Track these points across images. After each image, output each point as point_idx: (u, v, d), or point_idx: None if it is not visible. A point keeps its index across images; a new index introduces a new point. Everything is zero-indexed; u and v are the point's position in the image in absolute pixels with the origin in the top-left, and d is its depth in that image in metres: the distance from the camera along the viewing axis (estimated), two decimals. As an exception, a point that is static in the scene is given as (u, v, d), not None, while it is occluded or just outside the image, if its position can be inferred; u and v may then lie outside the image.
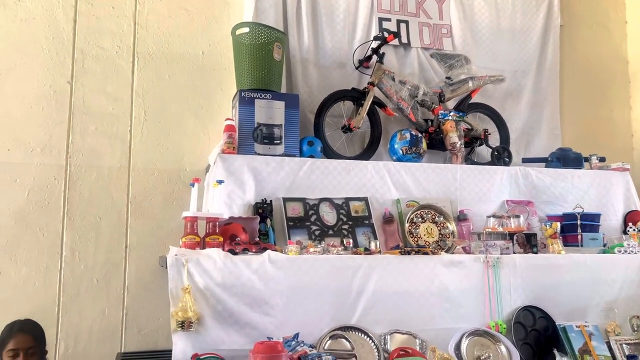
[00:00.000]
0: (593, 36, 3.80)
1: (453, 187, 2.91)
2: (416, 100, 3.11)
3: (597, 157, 3.23)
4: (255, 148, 2.66)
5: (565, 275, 2.51)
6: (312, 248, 2.25)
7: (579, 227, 2.72)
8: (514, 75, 3.52)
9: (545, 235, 2.62)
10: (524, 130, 3.50)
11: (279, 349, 1.75)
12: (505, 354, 2.25)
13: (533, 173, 3.05)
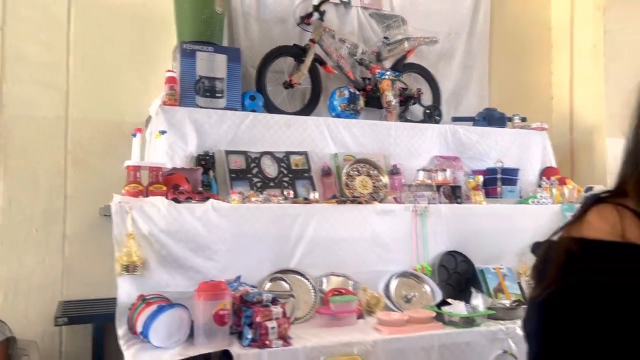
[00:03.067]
0: (520, 2, 4.02)
1: (387, 142, 3.08)
2: (355, 58, 3.22)
3: (519, 117, 3.49)
4: (197, 101, 2.70)
5: (484, 223, 2.77)
6: (254, 197, 2.36)
7: (499, 181, 2.97)
8: (447, 37, 3.69)
9: (469, 188, 2.85)
10: (455, 90, 3.71)
11: (222, 287, 1.87)
12: (430, 293, 2.48)
13: (461, 131, 3.26)
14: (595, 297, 0.64)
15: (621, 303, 0.63)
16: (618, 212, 0.69)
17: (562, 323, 0.66)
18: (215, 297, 1.82)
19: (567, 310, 0.66)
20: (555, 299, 0.67)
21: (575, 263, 0.67)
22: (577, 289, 0.66)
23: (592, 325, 0.64)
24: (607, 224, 0.68)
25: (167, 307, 1.84)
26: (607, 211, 0.70)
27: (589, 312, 0.64)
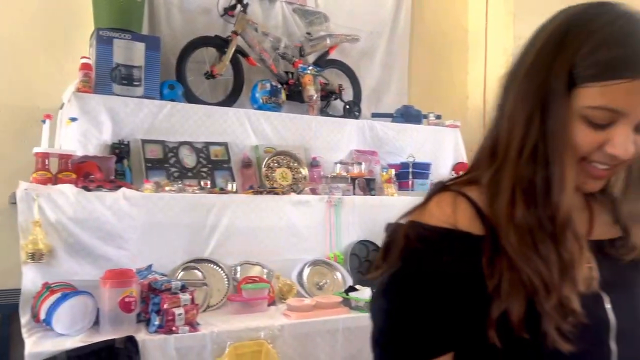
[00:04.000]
0: (439, 6, 4.22)
1: (308, 136, 3.16)
2: (278, 52, 3.28)
3: (434, 115, 3.68)
4: (113, 89, 2.66)
5: (396, 214, 2.90)
6: (168, 187, 2.37)
7: (410, 174, 3.13)
8: (370, 36, 3.82)
9: (382, 180, 2.99)
10: (376, 88, 3.85)
11: (129, 275, 1.89)
12: (341, 280, 2.59)
13: (378, 126, 3.40)
14: (426, 281, 0.71)
15: (444, 288, 0.70)
16: (455, 201, 0.76)
17: (399, 303, 0.72)
18: (121, 284, 1.83)
19: (403, 291, 0.72)
20: (394, 280, 0.73)
21: (410, 247, 0.73)
22: (412, 273, 0.72)
23: (423, 306, 0.70)
24: (442, 212, 0.74)
25: (72, 294, 1.83)
26: (446, 199, 0.77)
27: (421, 295, 0.71)
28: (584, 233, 0.76)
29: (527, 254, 0.68)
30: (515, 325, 0.67)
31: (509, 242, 0.69)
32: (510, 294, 0.67)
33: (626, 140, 0.68)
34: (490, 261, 0.69)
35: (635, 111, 0.67)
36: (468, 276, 0.69)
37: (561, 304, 0.66)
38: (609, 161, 0.71)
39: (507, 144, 0.74)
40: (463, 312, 0.69)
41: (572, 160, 0.70)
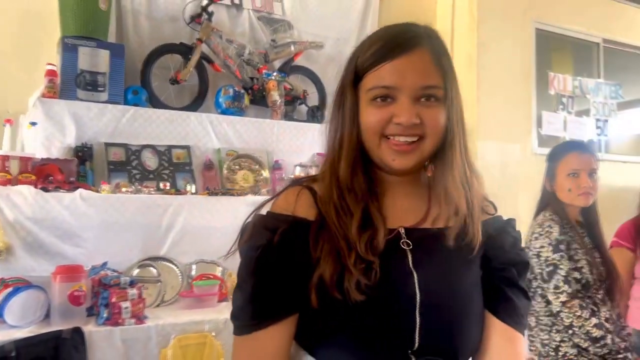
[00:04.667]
0: (407, 12, 4.33)
1: (271, 139, 3.28)
2: (242, 59, 3.40)
3: (397, 119, 3.80)
4: (77, 94, 2.78)
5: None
6: (125, 188, 2.49)
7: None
8: (337, 42, 3.94)
9: (340, 182, 3.11)
10: (343, 92, 3.97)
11: (78, 270, 2.00)
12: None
13: (341, 130, 3.52)
14: (262, 257, 0.86)
15: (276, 262, 0.86)
16: (299, 193, 0.91)
17: (243, 276, 0.88)
18: (70, 279, 1.95)
19: (245, 265, 0.88)
20: (241, 258, 0.90)
21: (253, 231, 0.89)
22: (250, 251, 0.87)
23: (260, 276, 0.86)
24: (286, 202, 0.91)
25: (24, 288, 1.94)
26: (292, 192, 0.93)
27: (258, 267, 0.86)
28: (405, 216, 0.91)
29: (339, 223, 0.85)
30: (328, 285, 0.81)
31: (329, 217, 0.86)
32: (326, 259, 0.83)
33: (405, 108, 0.86)
34: (316, 238, 0.85)
35: (403, 84, 0.86)
36: (297, 251, 0.85)
37: (359, 260, 0.82)
38: (402, 131, 0.86)
39: (328, 140, 0.93)
40: (294, 280, 0.84)
41: (373, 138, 0.87)
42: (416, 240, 0.88)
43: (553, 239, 1.86)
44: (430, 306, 0.84)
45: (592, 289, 1.87)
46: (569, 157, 1.95)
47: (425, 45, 0.88)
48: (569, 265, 1.83)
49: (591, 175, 1.94)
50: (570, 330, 1.80)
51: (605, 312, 1.85)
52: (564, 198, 1.95)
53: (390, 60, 0.86)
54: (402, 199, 0.94)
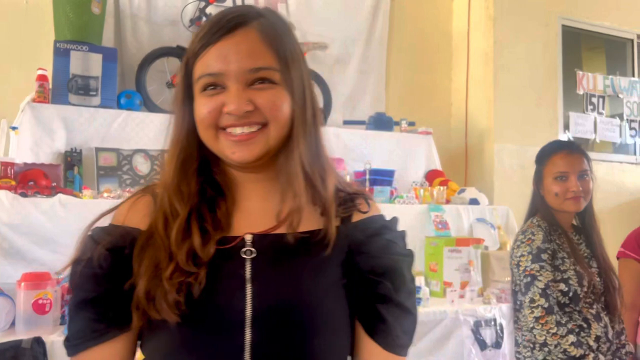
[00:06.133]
0: (421, 11, 4.17)
1: (269, 143, 3.18)
2: (242, 61, 3.32)
3: (406, 122, 3.64)
4: (69, 99, 2.76)
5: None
6: (107, 193, 2.44)
7: (367, 182, 3.10)
8: (344, 43, 3.82)
9: (338, 187, 2.97)
10: (351, 95, 3.84)
11: (44, 277, 1.94)
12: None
13: (344, 134, 3.39)
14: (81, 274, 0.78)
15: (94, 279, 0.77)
16: (136, 201, 0.84)
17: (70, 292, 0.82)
18: (35, 286, 1.89)
19: (70, 282, 0.80)
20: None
21: (81, 245, 0.81)
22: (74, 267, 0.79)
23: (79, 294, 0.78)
24: (120, 212, 0.84)
25: (-12, 296, 1.90)
26: (130, 200, 0.85)
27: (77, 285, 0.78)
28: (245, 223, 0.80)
29: (165, 232, 0.76)
30: (143, 303, 0.72)
31: (156, 225, 0.77)
32: (143, 274, 0.73)
33: (233, 95, 0.75)
34: (142, 250, 0.76)
35: (228, 69, 0.75)
36: (120, 266, 0.76)
37: (179, 272, 0.72)
38: (235, 121, 0.76)
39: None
40: (114, 298, 0.75)
41: (208, 131, 0.77)
42: (264, 248, 0.77)
43: (534, 247, 1.67)
44: (265, 321, 0.73)
45: (583, 303, 1.66)
46: (555, 159, 1.76)
47: (252, 24, 0.77)
48: (550, 277, 1.64)
49: (581, 177, 1.74)
50: (545, 348, 1.61)
51: (598, 329, 1.65)
52: (552, 203, 1.76)
53: (214, 44, 0.76)
54: (258, 201, 0.82)
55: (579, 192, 1.71)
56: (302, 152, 0.78)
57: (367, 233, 0.82)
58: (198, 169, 0.81)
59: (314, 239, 0.78)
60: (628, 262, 2.18)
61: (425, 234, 3.02)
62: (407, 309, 0.80)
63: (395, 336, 0.79)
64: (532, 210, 1.84)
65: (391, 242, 0.82)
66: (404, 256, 0.83)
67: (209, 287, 0.73)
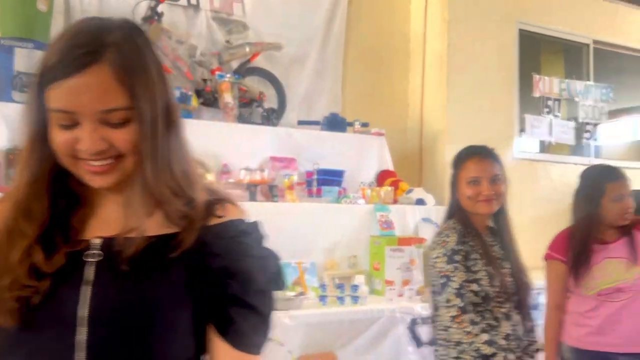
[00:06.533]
0: (379, 13, 4.22)
1: (220, 142, 3.20)
2: (194, 59, 3.34)
3: (360, 123, 3.68)
4: (12, 96, 2.75)
5: (294, 220, 2.93)
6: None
7: (315, 182, 3.15)
8: (301, 43, 3.85)
9: (285, 187, 3.01)
10: (307, 95, 3.87)
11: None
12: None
13: (296, 134, 3.43)
14: None
15: None
16: None
17: None
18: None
19: None
20: None
21: None
22: None
23: None
24: None
25: None
26: None
27: None
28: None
29: (7, 249, 0.77)
30: None
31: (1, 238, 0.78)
32: None
33: (86, 135, 0.75)
34: None
35: (81, 109, 0.74)
36: None
37: (16, 285, 0.74)
38: (88, 157, 0.77)
39: None
40: None
41: (66, 159, 0.78)
42: (111, 251, 0.79)
43: (449, 249, 1.74)
44: (104, 322, 0.75)
45: (495, 302, 1.73)
46: (468, 164, 1.84)
47: (106, 58, 0.75)
48: (463, 277, 1.70)
49: (493, 181, 1.81)
50: (459, 347, 1.68)
51: (508, 327, 1.72)
52: (466, 205, 1.83)
53: (66, 78, 0.74)
54: (114, 207, 0.84)
55: (491, 195, 1.78)
56: (150, 169, 0.79)
57: (220, 236, 0.84)
58: (53, 176, 0.81)
59: (164, 243, 0.80)
60: (554, 264, 2.25)
61: (371, 233, 3.08)
62: (257, 310, 0.83)
63: (246, 336, 0.82)
64: (449, 213, 1.90)
65: (243, 244, 0.85)
66: (257, 258, 0.86)
67: (50, 292, 0.75)
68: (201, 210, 0.85)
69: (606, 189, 2.13)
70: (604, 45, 5.12)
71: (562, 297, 2.23)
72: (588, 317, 2.14)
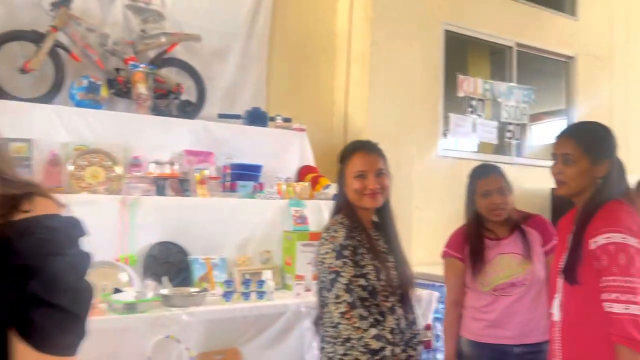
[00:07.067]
0: (305, 9, 4.21)
1: (131, 134, 3.10)
2: (105, 48, 3.21)
3: (281, 118, 3.66)
4: None
5: (206, 216, 2.88)
6: None
7: (228, 176, 3.10)
8: (224, 36, 3.78)
9: (196, 181, 2.95)
10: (230, 89, 3.80)
11: None
12: (124, 282, 2.53)
13: (214, 127, 3.36)
14: None
15: None
16: None
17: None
18: None
19: None
20: None
21: None
22: None
23: None
24: None
25: None
26: None
27: None
28: None
29: None
30: None
31: None
32: None
33: None
34: None
35: None
36: None
37: None
38: None
39: None
40: None
41: None
42: None
43: (337, 244, 1.73)
44: None
45: (380, 297, 1.74)
46: (354, 158, 1.84)
47: None
48: (352, 272, 1.71)
49: (379, 175, 1.82)
50: (348, 343, 1.68)
51: (392, 321, 1.73)
52: (353, 199, 1.84)
53: None
54: None
55: (377, 189, 1.79)
56: None
57: (24, 233, 0.79)
58: None
59: None
60: (450, 261, 2.30)
61: (285, 229, 3.06)
62: (65, 309, 0.79)
63: (50, 337, 0.77)
64: (336, 208, 1.90)
65: (49, 241, 0.81)
66: (65, 256, 0.81)
67: None
68: (8, 205, 0.79)
69: (477, 186, 2.20)
70: (526, 48, 5.31)
71: (460, 293, 2.28)
72: (485, 312, 2.20)
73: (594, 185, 1.70)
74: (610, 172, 1.71)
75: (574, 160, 1.69)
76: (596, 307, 1.60)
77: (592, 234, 1.63)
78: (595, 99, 5.70)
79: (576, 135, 1.75)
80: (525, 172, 5.18)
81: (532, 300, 2.16)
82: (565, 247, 1.75)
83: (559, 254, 1.80)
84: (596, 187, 1.70)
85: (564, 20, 5.60)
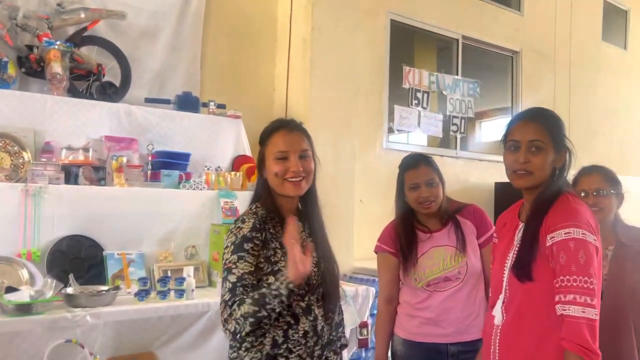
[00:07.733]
0: (245, -12, 3.99)
1: (43, 117, 2.81)
2: (15, 22, 2.90)
3: (215, 104, 3.44)
4: None
5: (123, 207, 2.63)
6: None
7: (150, 165, 2.86)
8: (154, 15, 3.50)
9: (113, 169, 2.70)
10: (160, 71, 3.53)
11: None
12: (26, 280, 2.27)
13: (138, 112, 3.10)
14: None
15: None
16: None
17: None
18: None
19: None
20: None
21: None
22: None
23: None
24: None
25: None
26: None
27: None
28: None
29: None
30: None
31: None
32: None
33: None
34: None
35: None
36: None
37: None
38: None
39: None
40: None
41: None
42: None
43: (240, 236, 1.53)
44: None
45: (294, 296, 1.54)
46: (275, 138, 1.62)
47: None
48: (247, 269, 1.49)
49: (302, 157, 1.61)
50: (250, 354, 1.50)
51: (306, 323, 1.54)
52: (273, 184, 1.62)
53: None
54: None
55: (300, 173, 1.58)
56: None
57: None
58: None
59: None
60: (384, 256, 2.16)
61: (213, 221, 2.85)
62: None
63: None
64: (255, 195, 1.71)
65: None
66: None
67: None
68: None
69: (405, 178, 2.08)
70: (472, 41, 5.27)
71: (394, 289, 2.15)
72: (419, 309, 2.07)
73: (551, 177, 1.57)
74: (565, 163, 1.59)
75: (544, 147, 1.54)
76: (547, 308, 1.46)
77: (549, 228, 1.49)
78: (539, 94, 5.74)
79: (541, 121, 1.57)
80: (470, 167, 5.17)
81: (468, 296, 2.05)
82: (511, 243, 1.61)
83: (503, 252, 1.66)
84: (551, 178, 1.56)
85: (509, 14, 5.61)
